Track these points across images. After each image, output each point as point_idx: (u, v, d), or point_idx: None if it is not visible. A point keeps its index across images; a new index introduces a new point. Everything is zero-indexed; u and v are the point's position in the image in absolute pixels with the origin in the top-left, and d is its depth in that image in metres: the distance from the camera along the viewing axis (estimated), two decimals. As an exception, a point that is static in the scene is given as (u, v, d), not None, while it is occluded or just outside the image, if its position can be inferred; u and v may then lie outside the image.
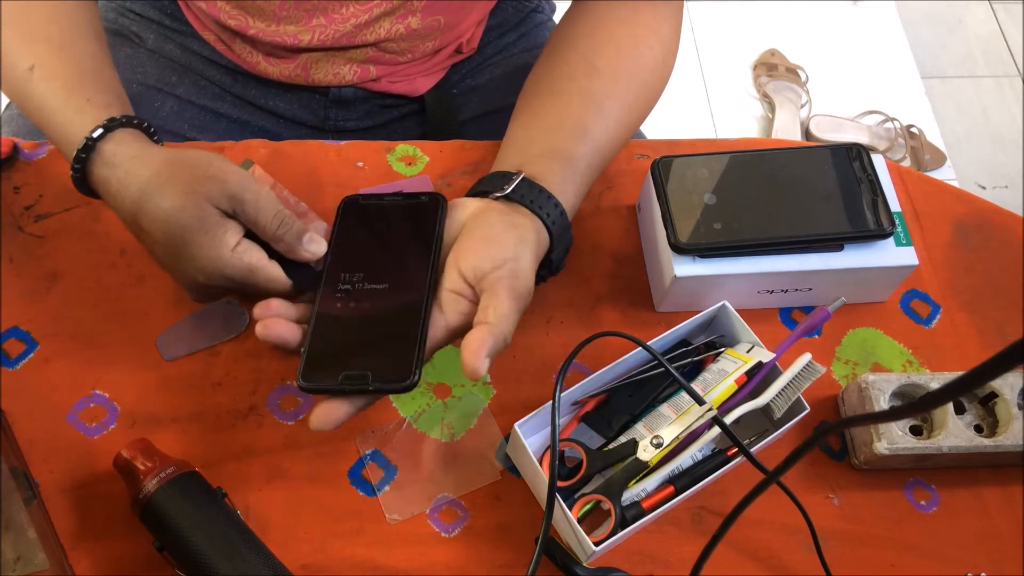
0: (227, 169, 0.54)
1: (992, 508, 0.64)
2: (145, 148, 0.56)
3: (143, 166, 0.55)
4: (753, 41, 1.92)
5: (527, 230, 0.58)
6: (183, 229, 0.53)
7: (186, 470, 0.56)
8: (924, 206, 0.75)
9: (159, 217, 0.53)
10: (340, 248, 0.59)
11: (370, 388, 0.51)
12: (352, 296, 0.56)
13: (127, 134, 0.57)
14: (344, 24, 0.74)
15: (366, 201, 0.61)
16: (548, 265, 0.61)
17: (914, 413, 0.35)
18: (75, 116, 0.57)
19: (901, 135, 1.80)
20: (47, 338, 0.64)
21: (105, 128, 0.56)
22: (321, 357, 0.53)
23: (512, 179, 0.60)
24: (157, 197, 0.53)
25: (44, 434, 0.61)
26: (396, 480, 0.61)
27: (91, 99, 0.57)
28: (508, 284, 0.54)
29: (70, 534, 0.58)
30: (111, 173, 0.55)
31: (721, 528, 0.48)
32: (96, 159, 0.56)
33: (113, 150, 0.55)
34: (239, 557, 0.53)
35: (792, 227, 0.64)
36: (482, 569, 0.59)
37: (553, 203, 0.60)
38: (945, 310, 0.71)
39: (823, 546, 0.60)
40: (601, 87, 0.66)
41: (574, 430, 0.62)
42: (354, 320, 0.55)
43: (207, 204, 0.53)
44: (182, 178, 0.53)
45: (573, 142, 0.64)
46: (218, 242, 0.53)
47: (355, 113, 0.84)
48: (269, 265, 0.55)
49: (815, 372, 0.59)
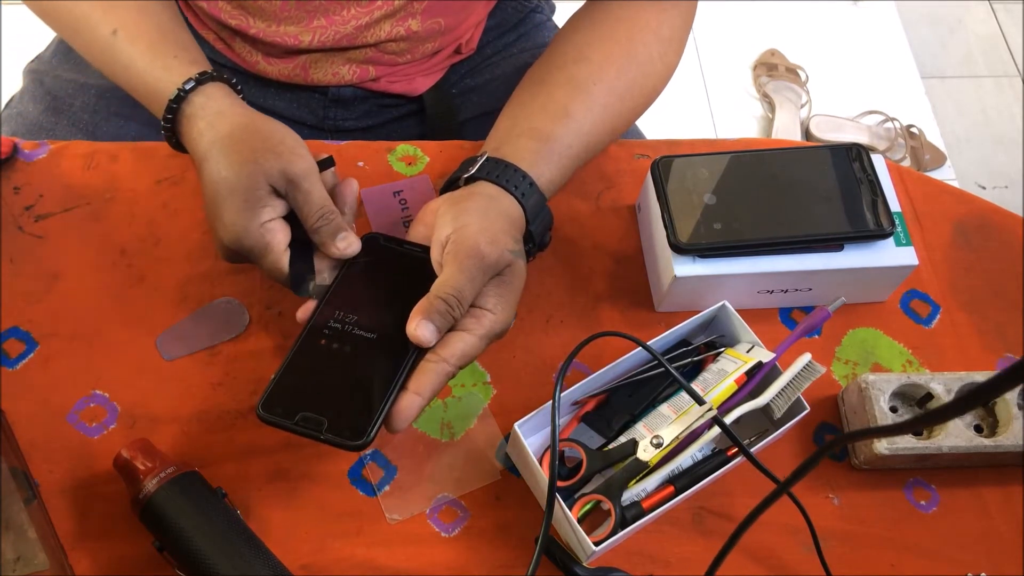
0: (296, 151, 0.57)
1: (992, 508, 0.64)
2: (231, 105, 0.60)
3: (222, 122, 0.58)
4: (753, 41, 1.92)
5: (483, 199, 0.59)
6: (229, 192, 0.55)
7: (186, 470, 0.56)
8: (924, 206, 0.75)
9: (216, 174, 0.56)
10: (345, 284, 0.57)
11: (321, 437, 0.51)
12: (338, 337, 0.55)
13: (216, 88, 0.60)
14: (345, 25, 0.74)
15: (387, 243, 0.59)
16: (531, 239, 0.62)
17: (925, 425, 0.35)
18: (163, 73, 0.60)
19: (901, 135, 1.80)
20: (47, 338, 0.64)
21: (197, 81, 0.59)
22: (286, 390, 0.53)
23: (477, 160, 0.62)
24: (221, 156, 0.56)
25: (44, 434, 0.61)
26: (396, 480, 0.61)
27: (177, 56, 0.61)
28: (450, 251, 0.55)
29: (70, 534, 0.58)
30: (195, 124, 0.59)
31: (730, 541, 0.48)
32: (185, 109, 0.59)
33: (202, 102, 0.59)
34: (239, 557, 0.53)
35: (792, 227, 0.64)
36: (482, 569, 0.59)
37: (521, 175, 0.61)
38: (945, 310, 0.71)
39: (823, 546, 0.60)
40: (589, 73, 0.67)
41: (574, 430, 0.62)
42: (332, 362, 0.54)
43: (261, 178, 0.56)
44: (250, 145, 0.56)
45: (552, 123, 0.64)
46: (251, 214, 0.55)
47: (354, 113, 0.84)
48: (281, 254, 0.57)
49: (815, 372, 0.59)
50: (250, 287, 0.67)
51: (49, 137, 0.76)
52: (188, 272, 0.67)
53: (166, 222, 0.69)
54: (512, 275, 0.57)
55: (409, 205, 0.72)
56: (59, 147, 0.71)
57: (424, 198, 0.72)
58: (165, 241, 0.68)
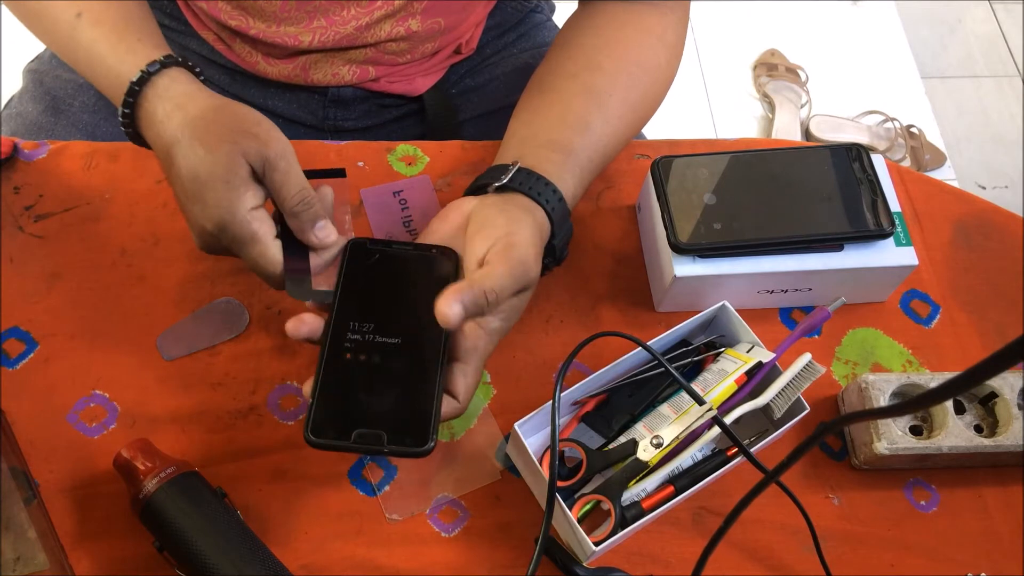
0: (272, 134, 0.55)
1: (992, 508, 0.64)
2: (199, 89, 0.58)
3: (192, 104, 0.56)
4: (753, 41, 1.92)
5: (523, 212, 0.59)
6: (209, 174, 0.53)
7: (186, 470, 0.56)
8: (924, 206, 0.75)
9: (192, 156, 0.54)
10: (348, 294, 0.56)
11: (385, 450, 0.50)
12: (362, 348, 0.53)
13: (181, 73, 0.58)
14: (345, 26, 0.74)
15: (374, 246, 0.58)
16: (551, 253, 0.62)
17: (914, 410, 0.35)
18: (127, 56, 0.58)
19: (901, 135, 1.80)
20: (47, 338, 0.64)
21: (161, 64, 0.57)
22: (330, 412, 0.51)
23: (509, 170, 0.61)
24: (195, 138, 0.54)
25: (44, 434, 0.61)
26: (396, 480, 0.61)
27: (141, 40, 0.59)
28: (501, 251, 0.55)
29: (70, 534, 0.58)
30: (159, 105, 0.57)
31: (721, 528, 0.48)
32: (148, 92, 0.57)
33: (167, 84, 0.57)
34: (239, 557, 0.53)
35: (792, 227, 0.64)
36: (482, 569, 0.59)
37: (551, 189, 0.60)
38: (945, 310, 0.71)
39: (823, 546, 0.60)
40: (604, 84, 0.66)
41: (574, 430, 0.62)
42: (365, 374, 0.53)
43: (240, 158, 0.54)
44: (226, 125, 0.55)
45: (573, 135, 0.64)
46: (236, 197, 0.54)
47: (354, 113, 0.84)
48: (271, 243, 0.55)
49: (815, 372, 0.59)
50: (250, 287, 0.67)
51: (49, 137, 0.76)
52: (188, 272, 0.67)
53: (166, 222, 0.69)
54: (524, 295, 0.57)
55: (409, 205, 0.72)
56: (59, 147, 0.71)
57: (424, 198, 0.72)
58: (165, 241, 0.68)
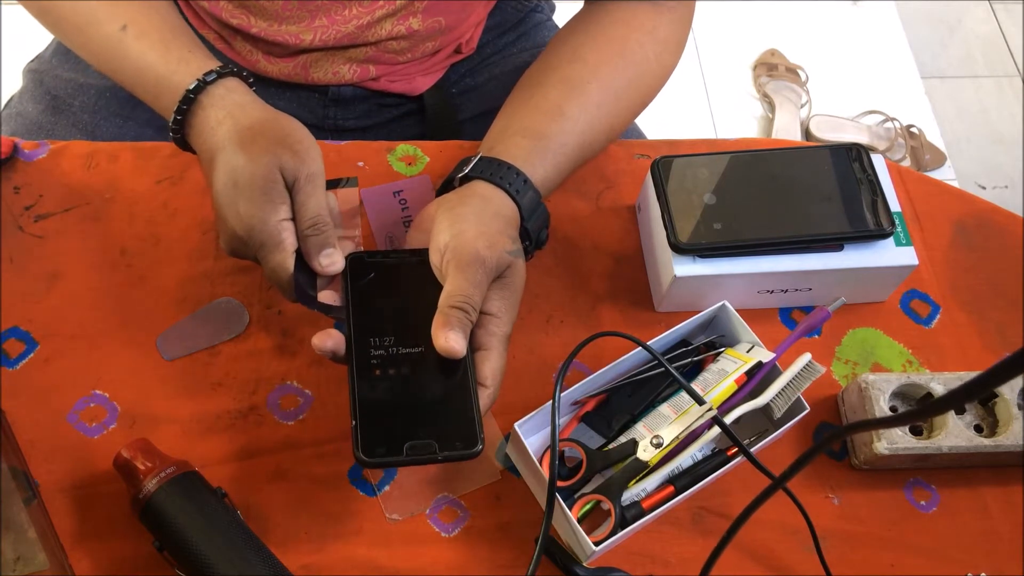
0: (311, 154, 0.58)
1: (992, 508, 0.64)
2: (252, 100, 0.60)
3: (244, 114, 0.58)
4: (753, 41, 1.92)
5: (478, 201, 0.59)
6: (249, 183, 0.55)
7: (186, 470, 0.56)
8: (924, 206, 0.75)
9: (234, 163, 0.56)
10: (360, 310, 0.56)
11: (439, 458, 0.51)
12: (389, 362, 0.54)
13: (236, 83, 0.61)
14: (346, 25, 0.74)
15: (372, 259, 0.59)
16: (528, 237, 0.62)
17: (921, 418, 0.35)
18: (179, 66, 0.60)
19: (901, 135, 1.80)
20: (47, 338, 0.64)
21: (218, 74, 0.60)
22: (376, 429, 0.51)
23: (471, 160, 0.62)
24: (239, 147, 0.56)
25: (44, 434, 0.61)
26: (396, 480, 0.61)
27: (191, 50, 0.61)
28: (451, 261, 0.55)
29: (70, 534, 0.58)
30: (212, 113, 0.59)
31: (725, 538, 0.48)
32: (203, 100, 0.59)
33: (222, 94, 0.59)
34: (239, 557, 0.53)
35: (792, 227, 0.64)
36: (482, 569, 0.59)
37: (514, 173, 0.61)
38: (945, 310, 0.71)
39: (823, 546, 0.60)
40: (583, 73, 0.67)
41: (574, 430, 0.62)
42: (400, 387, 0.53)
43: (277, 172, 0.56)
44: (270, 138, 0.57)
45: (545, 121, 0.65)
46: (271, 208, 0.56)
47: (354, 112, 0.84)
48: (290, 255, 0.56)
49: (815, 372, 0.59)
50: (250, 287, 0.67)
51: (49, 137, 0.76)
52: (188, 272, 0.67)
53: (166, 222, 0.69)
54: (513, 275, 0.57)
55: (409, 205, 0.72)
56: (59, 147, 0.71)
57: (424, 198, 0.72)
58: (165, 241, 0.68)
